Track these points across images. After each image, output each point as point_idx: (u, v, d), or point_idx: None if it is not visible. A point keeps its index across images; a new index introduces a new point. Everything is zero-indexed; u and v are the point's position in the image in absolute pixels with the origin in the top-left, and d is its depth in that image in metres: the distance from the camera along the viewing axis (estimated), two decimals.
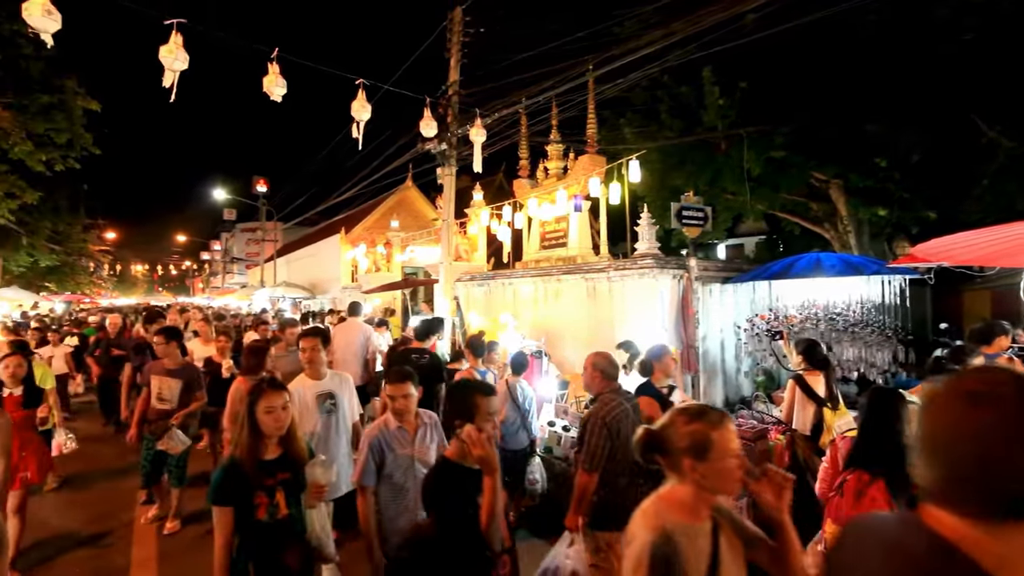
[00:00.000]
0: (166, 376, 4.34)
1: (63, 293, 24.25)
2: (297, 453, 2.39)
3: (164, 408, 4.31)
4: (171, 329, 4.61)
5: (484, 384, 2.26)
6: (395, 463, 2.71)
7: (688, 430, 1.53)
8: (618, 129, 10.86)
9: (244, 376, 4.05)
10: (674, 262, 6.26)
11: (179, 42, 4.42)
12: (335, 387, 3.63)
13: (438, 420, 2.96)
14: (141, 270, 55.04)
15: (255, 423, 2.29)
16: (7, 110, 8.76)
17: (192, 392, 4.43)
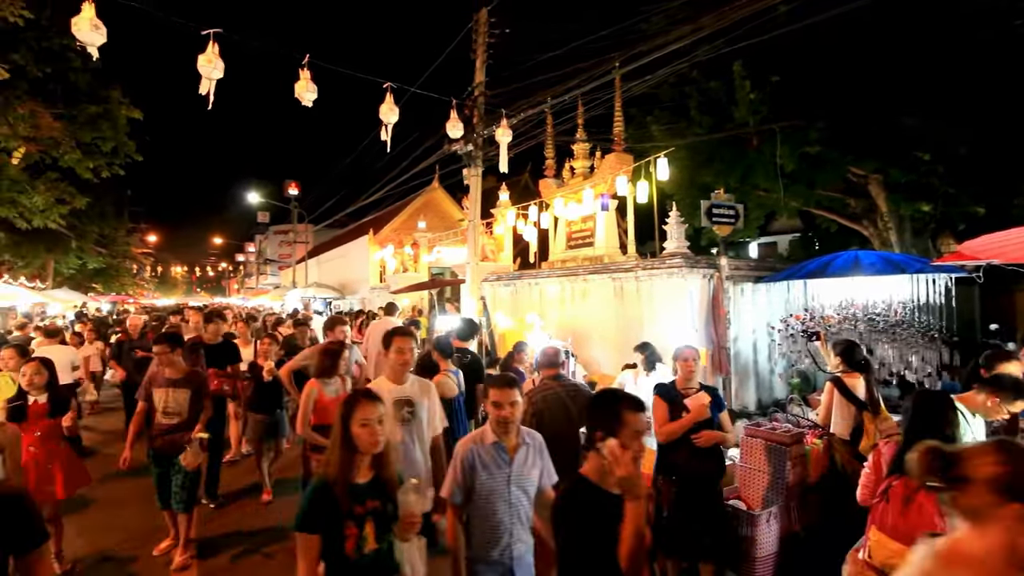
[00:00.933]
0: (171, 388, 3.92)
1: (109, 294, 25.44)
2: (390, 477, 2.10)
3: (171, 423, 3.87)
4: (172, 336, 4.19)
5: (633, 397, 1.93)
6: (487, 485, 2.35)
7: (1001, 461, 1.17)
8: (645, 127, 10.71)
9: (317, 379, 3.78)
10: (704, 261, 6.13)
11: (216, 52, 4.57)
12: (415, 394, 3.18)
13: (544, 443, 2.56)
14: (180, 271, 57.22)
15: (349, 438, 2.00)
16: (58, 120, 9.23)
17: (201, 401, 4.02)
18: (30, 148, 9.66)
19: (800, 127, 8.42)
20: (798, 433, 4.12)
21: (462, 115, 7.96)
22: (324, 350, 3.98)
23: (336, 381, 3.85)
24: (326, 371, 3.82)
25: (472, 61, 9.53)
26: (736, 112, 9.13)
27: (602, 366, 6.90)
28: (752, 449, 4.05)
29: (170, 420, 3.89)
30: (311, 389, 3.71)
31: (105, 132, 10.80)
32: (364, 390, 2.22)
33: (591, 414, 1.95)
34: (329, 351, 3.94)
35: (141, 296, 34.84)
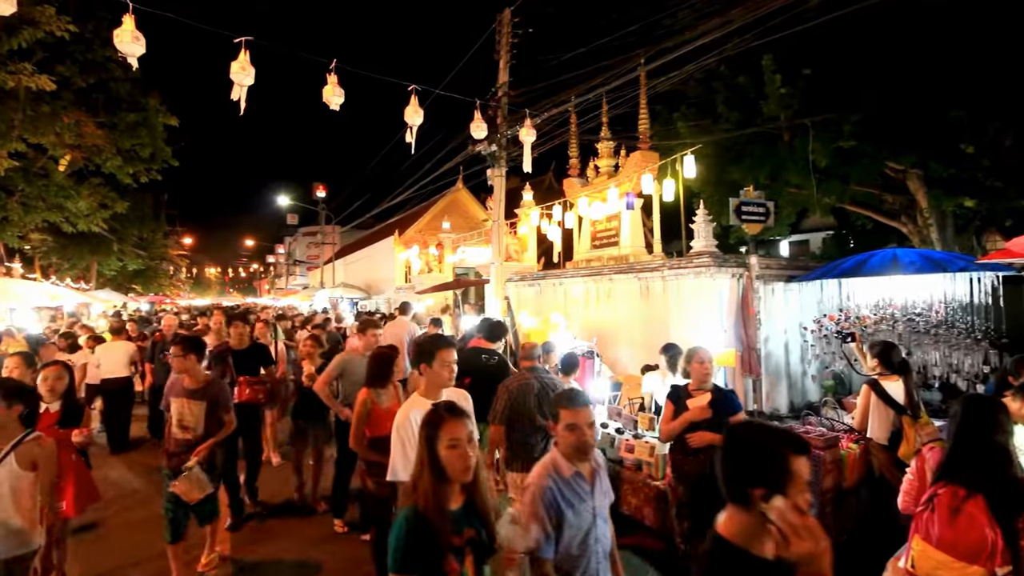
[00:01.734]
0: (187, 398, 3.55)
1: (148, 294, 26.47)
2: (483, 502, 1.83)
3: (186, 438, 3.53)
4: (189, 339, 3.79)
5: (795, 436, 1.50)
6: (575, 523, 2.02)
7: None
8: (671, 124, 10.55)
9: (370, 388, 3.51)
10: (733, 260, 6.00)
11: (247, 59, 4.69)
12: None
13: (604, 460, 2.32)
14: (214, 273, 59.16)
15: (437, 462, 1.75)
16: (100, 129, 9.64)
17: (217, 415, 3.62)
18: (75, 155, 10.12)
19: (834, 121, 8.16)
20: (833, 437, 4.00)
21: (486, 116, 7.98)
22: (376, 356, 3.66)
23: (390, 389, 3.58)
24: (379, 379, 3.53)
25: (496, 62, 9.55)
26: (766, 107, 8.91)
27: (628, 367, 6.82)
28: None
29: (185, 435, 3.53)
30: (364, 399, 3.42)
31: (143, 139, 11.23)
32: (447, 404, 1.92)
33: (737, 462, 1.49)
34: (381, 357, 3.62)
35: (178, 296, 36.11)
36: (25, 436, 2.56)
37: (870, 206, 9.93)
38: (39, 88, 7.20)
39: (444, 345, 2.76)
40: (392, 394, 3.59)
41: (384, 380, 3.54)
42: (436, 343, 2.80)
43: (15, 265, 16.70)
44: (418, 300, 13.99)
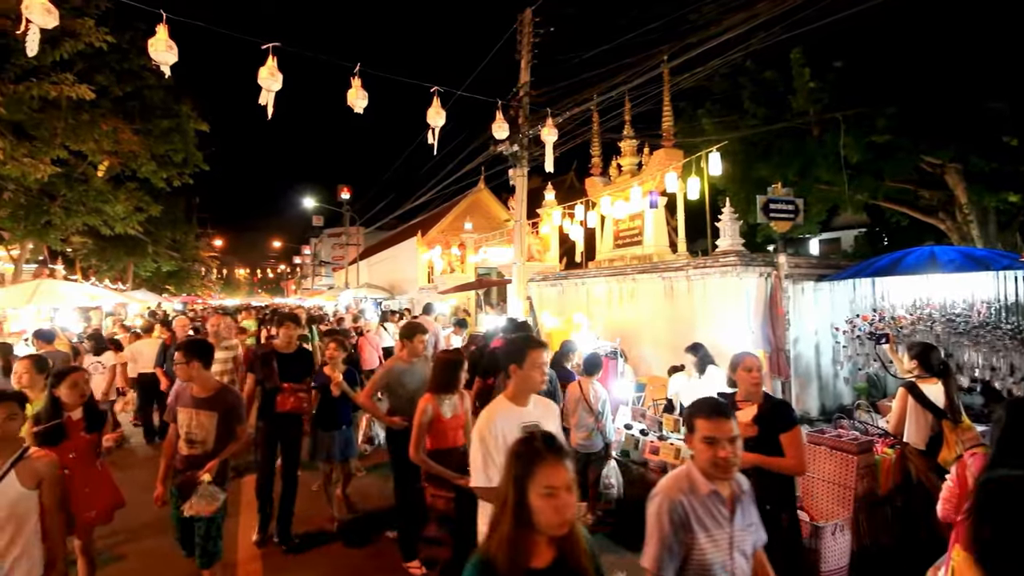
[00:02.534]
0: (195, 409, 3.17)
1: (180, 295, 27.35)
2: (578, 560, 1.50)
3: (195, 453, 3.13)
4: (195, 344, 3.34)
5: None
6: (707, 551, 1.76)
7: None
8: (696, 120, 10.38)
9: (433, 395, 3.27)
10: (760, 259, 5.86)
11: (274, 64, 4.79)
12: (540, 417, 2.42)
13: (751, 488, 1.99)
14: (243, 273, 60.75)
15: (525, 508, 1.44)
16: (136, 135, 9.99)
17: (231, 426, 3.23)
18: (112, 161, 10.51)
19: (866, 114, 7.90)
20: (867, 441, 3.87)
21: (507, 116, 7.99)
22: (442, 361, 3.42)
23: (454, 397, 3.33)
24: (445, 386, 3.28)
25: (517, 62, 9.55)
26: (794, 102, 8.69)
27: (652, 367, 6.74)
28: (815, 457, 3.83)
29: (193, 449, 3.15)
30: (426, 407, 3.18)
31: (176, 144, 11.60)
32: (547, 437, 1.56)
33: None
34: (448, 362, 3.38)
35: (209, 297, 37.20)
36: (25, 451, 2.29)
37: (905, 202, 9.59)
38: (79, 97, 7.49)
39: (536, 346, 2.44)
40: (457, 402, 3.35)
41: (451, 387, 3.30)
42: (527, 343, 2.48)
43: (58, 267, 17.46)
44: (441, 300, 14.10)
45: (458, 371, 3.36)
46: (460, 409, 3.35)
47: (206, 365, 3.24)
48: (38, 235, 11.44)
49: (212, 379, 3.33)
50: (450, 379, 3.30)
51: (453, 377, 3.32)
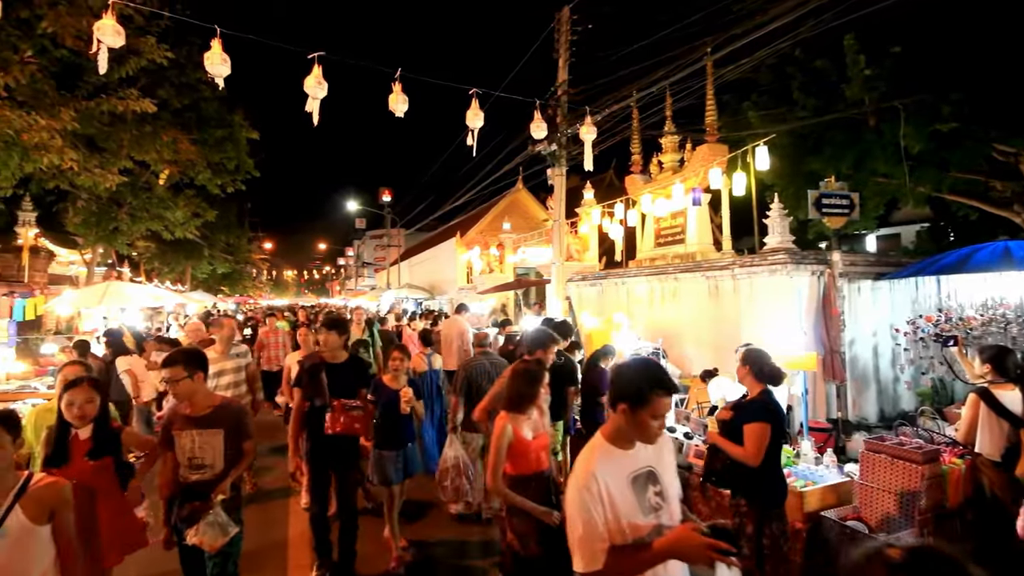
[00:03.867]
0: (197, 429, 2.76)
1: (234, 295, 28.76)
2: None
3: (204, 479, 2.73)
4: (193, 354, 2.90)
5: None
6: None
7: None
8: (741, 114, 10.03)
9: (510, 412, 2.83)
10: (812, 256, 5.60)
11: (320, 73, 4.95)
12: (653, 459, 1.82)
13: None
14: (291, 275, 63.24)
15: None
16: (193, 145, 10.56)
17: (239, 443, 2.84)
18: (172, 170, 11.16)
19: (929, 102, 7.41)
20: (932, 451, 3.62)
21: (545, 115, 7.96)
22: (520, 373, 2.93)
23: (534, 414, 2.88)
24: (522, 401, 2.84)
25: (555, 61, 9.50)
26: (848, 90, 8.26)
27: (695, 368, 6.55)
28: (874, 465, 3.62)
29: (200, 475, 2.73)
30: (504, 427, 2.74)
31: (229, 152, 12.19)
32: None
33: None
34: (526, 373, 2.90)
35: (260, 297, 38.92)
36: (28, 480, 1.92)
37: (974, 194, 8.93)
38: (143, 111, 7.99)
39: (662, 390, 1.70)
40: (538, 419, 2.90)
41: (529, 402, 2.84)
42: (651, 383, 1.72)
43: (124, 270, 18.69)
44: (480, 300, 14.20)
45: (537, 383, 2.86)
46: (541, 427, 2.89)
47: (205, 378, 2.88)
48: (107, 240, 12.27)
49: (211, 394, 2.98)
50: (529, 393, 2.84)
51: (532, 390, 2.85)
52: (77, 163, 7.35)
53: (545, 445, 2.88)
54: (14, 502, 1.85)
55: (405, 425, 3.97)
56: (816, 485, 3.67)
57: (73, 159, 7.13)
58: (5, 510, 1.83)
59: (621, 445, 1.76)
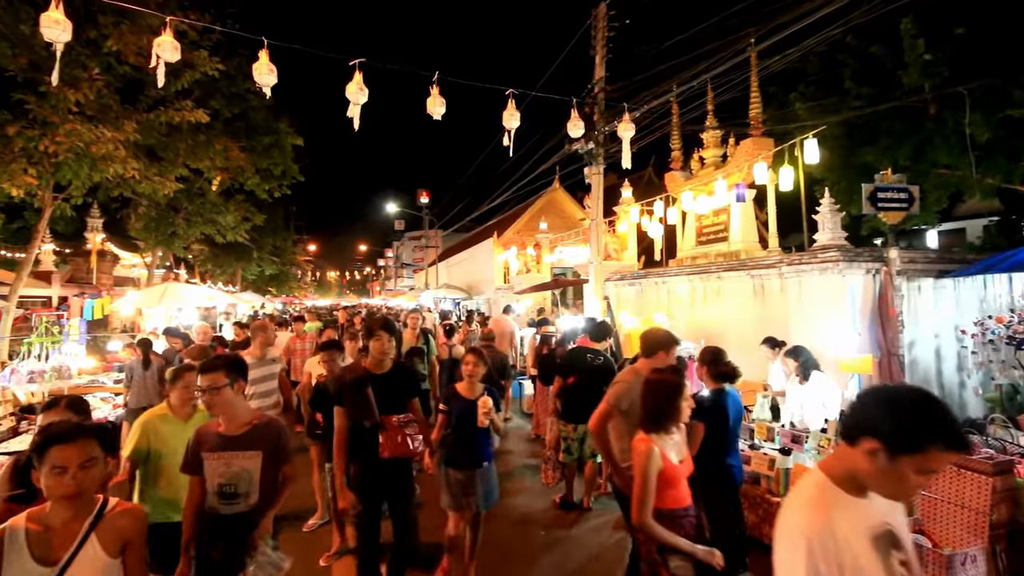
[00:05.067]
0: (231, 451, 2.34)
1: (280, 296, 29.96)
2: None
3: (237, 511, 2.32)
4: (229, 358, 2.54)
5: None
6: None
7: None
8: (788, 106, 9.63)
9: (652, 433, 2.35)
10: (867, 253, 5.32)
11: (360, 79, 5.07)
12: (889, 514, 1.34)
13: None
14: (334, 276, 65.23)
15: None
16: (243, 152, 11.05)
17: (278, 468, 2.44)
18: (224, 176, 11.72)
19: (997, 87, 6.90)
20: (1005, 462, 3.36)
21: (582, 113, 7.88)
22: (658, 387, 2.42)
23: (674, 434, 2.42)
24: (662, 419, 2.35)
25: (591, 58, 9.40)
26: (906, 77, 7.79)
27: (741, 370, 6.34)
28: (938, 476, 3.39)
29: (233, 506, 2.32)
30: (651, 452, 2.25)
31: (276, 158, 12.70)
32: None
33: None
34: (666, 387, 2.40)
35: (304, 297, 40.33)
36: (104, 506, 1.66)
37: None
38: (197, 121, 8.43)
39: (951, 442, 1.20)
40: (681, 441, 2.46)
41: (671, 420, 2.38)
42: (945, 429, 1.20)
43: (181, 272, 19.76)
44: (517, 300, 14.23)
45: (678, 397, 2.39)
46: (684, 448, 2.47)
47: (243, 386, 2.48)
48: (166, 243, 13.01)
49: (250, 408, 2.55)
50: (670, 409, 2.38)
51: (673, 405, 2.38)
52: (139, 172, 7.82)
53: (690, 472, 2.46)
54: (90, 530, 1.61)
55: (482, 441, 3.32)
56: None
57: (135, 168, 7.58)
58: (80, 539, 1.58)
59: (851, 491, 1.28)
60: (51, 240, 12.16)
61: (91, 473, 1.59)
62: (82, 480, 1.57)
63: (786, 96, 9.80)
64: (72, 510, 1.59)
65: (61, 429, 1.64)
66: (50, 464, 1.55)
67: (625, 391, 2.98)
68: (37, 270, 10.86)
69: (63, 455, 1.56)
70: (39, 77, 6.45)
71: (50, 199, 8.17)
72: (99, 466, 1.63)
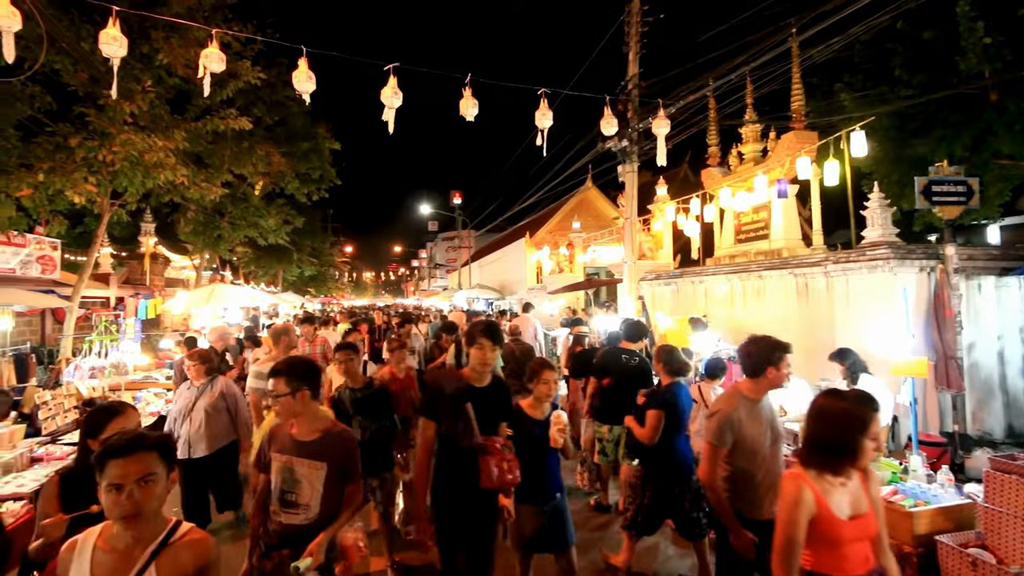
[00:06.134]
0: (296, 456, 2.21)
1: (319, 296, 30.84)
2: None
3: (294, 522, 2.16)
4: (303, 365, 2.32)
5: None
6: None
7: None
8: (832, 97, 9.23)
9: (812, 469, 1.79)
10: (921, 250, 5.04)
11: (395, 84, 5.15)
12: None
13: None
14: (370, 276, 66.71)
15: None
16: (283, 157, 11.44)
17: (343, 486, 2.25)
18: (266, 181, 12.16)
19: None
20: None
21: (616, 111, 7.77)
22: (828, 409, 1.81)
23: (854, 478, 1.79)
24: (831, 453, 1.77)
25: (624, 54, 9.27)
26: (963, 63, 7.33)
27: None
28: (1002, 487, 3.17)
29: (291, 516, 2.16)
30: (801, 492, 1.74)
31: (314, 163, 13.10)
32: None
33: None
34: (837, 411, 1.78)
35: (342, 298, 41.38)
36: (173, 531, 1.50)
37: None
38: (240, 128, 8.77)
39: None
40: (859, 489, 1.79)
41: (850, 460, 1.75)
42: None
43: (226, 273, 20.60)
44: (550, 300, 14.18)
45: (862, 434, 1.73)
46: (866, 502, 1.79)
47: (315, 395, 2.29)
48: (212, 246, 13.59)
49: (322, 414, 2.36)
50: (852, 446, 1.74)
51: (855, 443, 1.73)
52: (187, 178, 8.19)
53: (873, 535, 1.78)
54: (150, 560, 1.44)
55: (552, 469, 2.80)
56: (928, 505, 3.29)
57: (184, 175, 7.95)
58: (138, 571, 1.42)
59: None
60: (109, 244, 12.87)
61: (151, 491, 1.44)
62: (140, 499, 1.41)
63: (829, 87, 9.40)
64: (134, 532, 1.44)
65: (119, 441, 1.46)
66: (107, 481, 1.41)
67: (726, 423, 2.42)
68: (97, 272, 11.51)
69: (119, 471, 1.40)
70: (98, 91, 6.84)
71: (108, 205, 8.65)
72: (161, 483, 1.47)
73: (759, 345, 2.60)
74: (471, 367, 2.64)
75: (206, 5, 7.89)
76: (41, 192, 6.77)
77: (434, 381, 2.75)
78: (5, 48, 4.02)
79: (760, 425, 2.48)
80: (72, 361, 6.98)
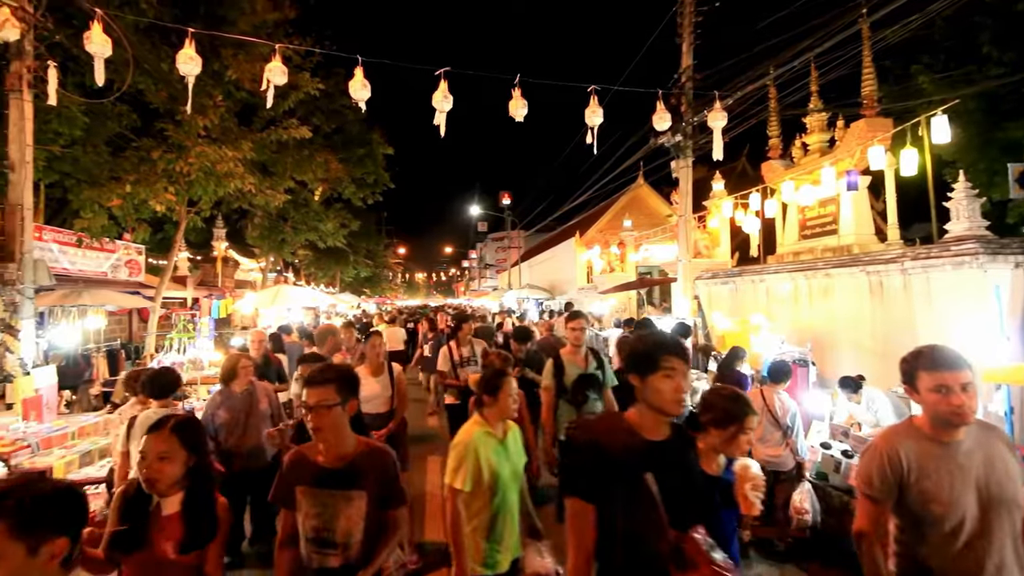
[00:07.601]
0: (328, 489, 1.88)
1: (374, 296, 31.95)
2: None
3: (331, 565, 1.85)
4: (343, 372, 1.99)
5: None
6: None
7: None
8: (907, 80, 8.56)
9: None
10: (1016, 244, 4.57)
11: (446, 88, 5.24)
12: None
13: None
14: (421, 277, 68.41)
15: None
16: (340, 163, 11.91)
17: (387, 512, 1.93)
18: (325, 187, 12.71)
19: None
20: None
21: (668, 105, 7.55)
22: None
23: None
24: None
25: (678, 46, 8.99)
26: None
27: None
28: None
29: (327, 558, 1.85)
30: None
31: (369, 168, 13.56)
32: None
33: None
34: None
35: (395, 298, 42.66)
36: None
37: None
38: (301, 137, 9.21)
39: None
40: None
41: None
42: None
43: (289, 275, 21.72)
44: (601, 300, 13.98)
45: None
46: None
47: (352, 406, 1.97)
48: (276, 249, 14.38)
49: (350, 434, 1.95)
50: None
51: None
52: (255, 186, 8.70)
53: None
54: None
55: (735, 553, 1.77)
56: None
57: (252, 183, 8.44)
58: None
59: None
60: (186, 248, 13.89)
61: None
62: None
63: (904, 70, 8.72)
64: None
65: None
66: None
67: (880, 467, 1.73)
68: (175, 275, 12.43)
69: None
70: (175, 107, 7.39)
71: (185, 213, 9.34)
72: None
73: (942, 350, 1.75)
74: (645, 408, 1.58)
75: (269, 22, 8.35)
76: (128, 202, 7.40)
77: (589, 432, 1.70)
78: (97, 72, 4.43)
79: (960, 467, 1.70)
80: (156, 357, 7.58)
